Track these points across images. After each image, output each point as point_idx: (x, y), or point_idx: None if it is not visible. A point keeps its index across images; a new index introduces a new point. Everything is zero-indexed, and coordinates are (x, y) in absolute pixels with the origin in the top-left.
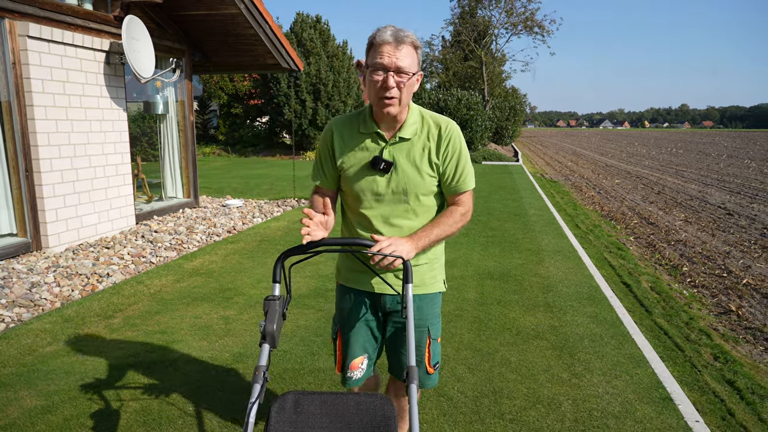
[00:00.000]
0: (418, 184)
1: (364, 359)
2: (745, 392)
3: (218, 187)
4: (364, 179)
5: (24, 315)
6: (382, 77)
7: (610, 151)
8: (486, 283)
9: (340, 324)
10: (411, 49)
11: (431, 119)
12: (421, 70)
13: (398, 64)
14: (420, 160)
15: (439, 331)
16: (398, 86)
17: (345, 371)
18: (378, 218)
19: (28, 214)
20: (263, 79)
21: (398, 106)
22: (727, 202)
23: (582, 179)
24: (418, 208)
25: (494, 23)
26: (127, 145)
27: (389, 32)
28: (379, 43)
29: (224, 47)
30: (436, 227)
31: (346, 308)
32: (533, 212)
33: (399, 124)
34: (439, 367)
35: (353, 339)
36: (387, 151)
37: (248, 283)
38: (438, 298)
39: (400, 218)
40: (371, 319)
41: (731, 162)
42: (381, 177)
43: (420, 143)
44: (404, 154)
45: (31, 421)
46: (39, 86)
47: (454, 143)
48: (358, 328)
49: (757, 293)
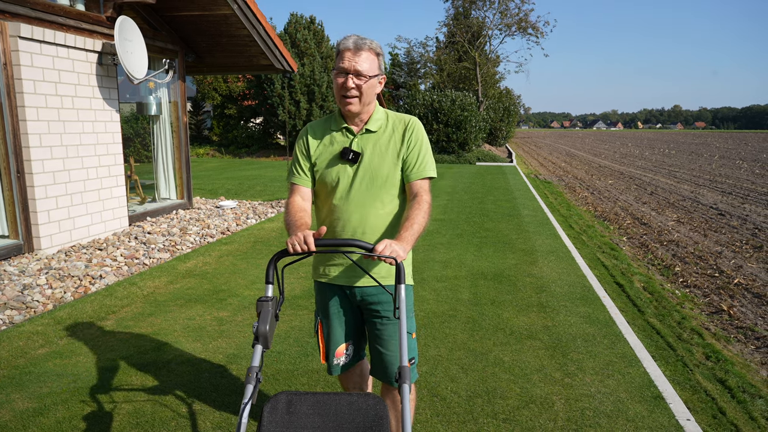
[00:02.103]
0: (385, 172)
1: (348, 345)
2: (736, 391)
3: (212, 188)
4: (335, 169)
5: (16, 317)
6: (343, 79)
7: (603, 151)
8: (480, 284)
9: (321, 316)
10: (370, 54)
11: (395, 117)
12: (383, 74)
13: (357, 68)
14: (386, 149)
15: (413, 326)
16: (357, 87)
17: (330, 359)
18: (349, 207)
19: (19, 215)
20: (257, 80)
21: (359, 104)
22: (719, 203)
23: (575, 180)
24: (385, 196)
25: (488, 24)
26: (119, 146)
27: (351, 40)
28: (341, 50)
29: (217, 48)
30: (414, 223)
31: (324, 301)
32: (527, 213)
33: (365, 120)
34: (415, 362)
35: (334, 328)
36: (355, 142)
37: (242, 285)
38: (410, 291)
39: (369, 206)
40: (348, 309)
41: (723, 163)
42: (351, 167)
43: (386, 135)
44: (371, 144)
45: (23, 423)
46: (30, 87)
47: (417, 134)
48: (338, 318)
49: (749, 293)
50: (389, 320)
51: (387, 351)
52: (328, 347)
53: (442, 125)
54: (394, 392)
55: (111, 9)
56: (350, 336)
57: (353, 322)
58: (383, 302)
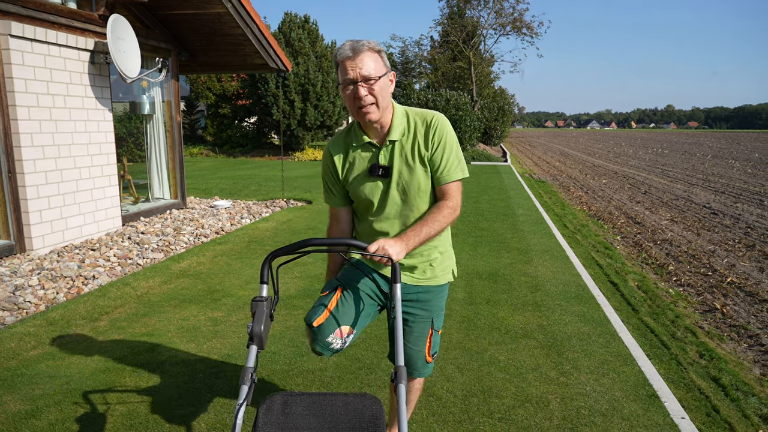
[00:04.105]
0: (416, 182)
1: (352, 331)
2: (729, 389)
3: (206, 187)
4: (368, 187)
5: (7, 318)
6: (352, 90)
7: (597, 151)
8: (475, 283)
9: (343, 283)
10: (371, 54)
11: (416, 116)
12: (391, 69)
13: (362, 73)
14: (412, 158)
15: (441, 323)
16: (370, 93)
17: (324, 334)
18: (387, 221)
19: (11, 215)
20: (251, 79)
21: (377, 111)
22: (712, 202)
23: (570, 179)
24: (421, 204)
25: (483, 24)
26: (112, 146)
27: (347, 47)
28: (340, 60)
29: (211, 47)
30: (425, 225)
31: (354, 275)
32: (521, 212)
33: (386, 128)
34: (436, 356)
35: (353, 305)
36: (381, 155)
37: (236, 285)
38: (446, 289)
39: (407, 218)
40: (374, 301)
41: (716, 162)
42: (382, 182)
43: (409, 142)
44: (398, 155)
45: (15, 426)
46: (22, 86)
47: (440, 132)
48: (363, 296)
49: (741, 291)
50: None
51: (413, 346)
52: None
53: None
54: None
55: (103, 7)
56: (357, 325)
57: (369, 315)
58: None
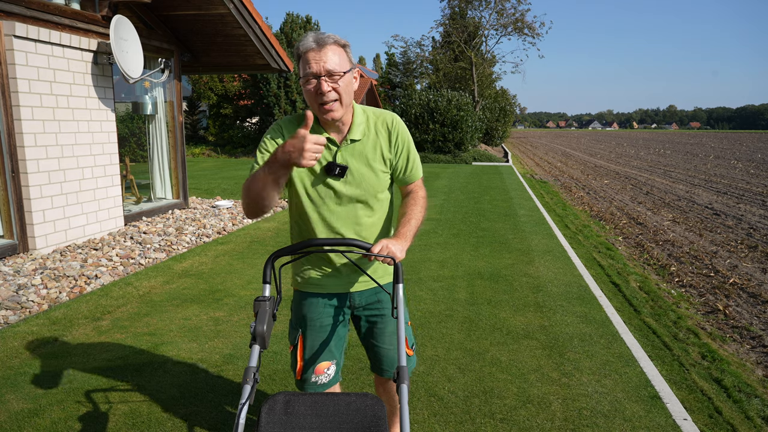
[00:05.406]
0: (374, 183)
1: (331, 364)
2: (732, 390)
3: (208, 188)
4: (322, 185)
5: (11, 317)
6: (315, 84)
7: (599, 151)
8: (476, 284)
9: (302, 329)
10: (336, 47)
11: (375, 117)
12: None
13: (326, 67)
14: (373, 158)
15: (407, 315)
16: (334, 89)
17: (308, 376)
18: (338, 220)
19: (14, 215)
20: (253, 79)
21: (341, 108)
22: (715, 203)
23: (571, 180)
24: (375, 204)
25: (484, 24)
26: (115, 146)
27: (311, 38)
28: (303, 52)
29: (213, 47)
30: (412, 218)
31: (310, 313)
32: (523, 213)
33: (347, 126)
34: (415, 347)
35: (320, 344)
36: (340, 155)
37: (238, 285)
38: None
39: (359, 217)
40: (339, 321)
41: (718, 163)
42: (337, 181)
43: (370, 142)
44: (357, 155)
45: (18, 424)
46: (25, 86)
47: (402, 135)
48: (326, 332)
49: (744, 292)
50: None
51: (388, 346)
52: (309, 363)
53: (438, 125)
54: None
55: (106, 8)
56: (335, 354)
57: (341, 337)
58: (383, 300)
